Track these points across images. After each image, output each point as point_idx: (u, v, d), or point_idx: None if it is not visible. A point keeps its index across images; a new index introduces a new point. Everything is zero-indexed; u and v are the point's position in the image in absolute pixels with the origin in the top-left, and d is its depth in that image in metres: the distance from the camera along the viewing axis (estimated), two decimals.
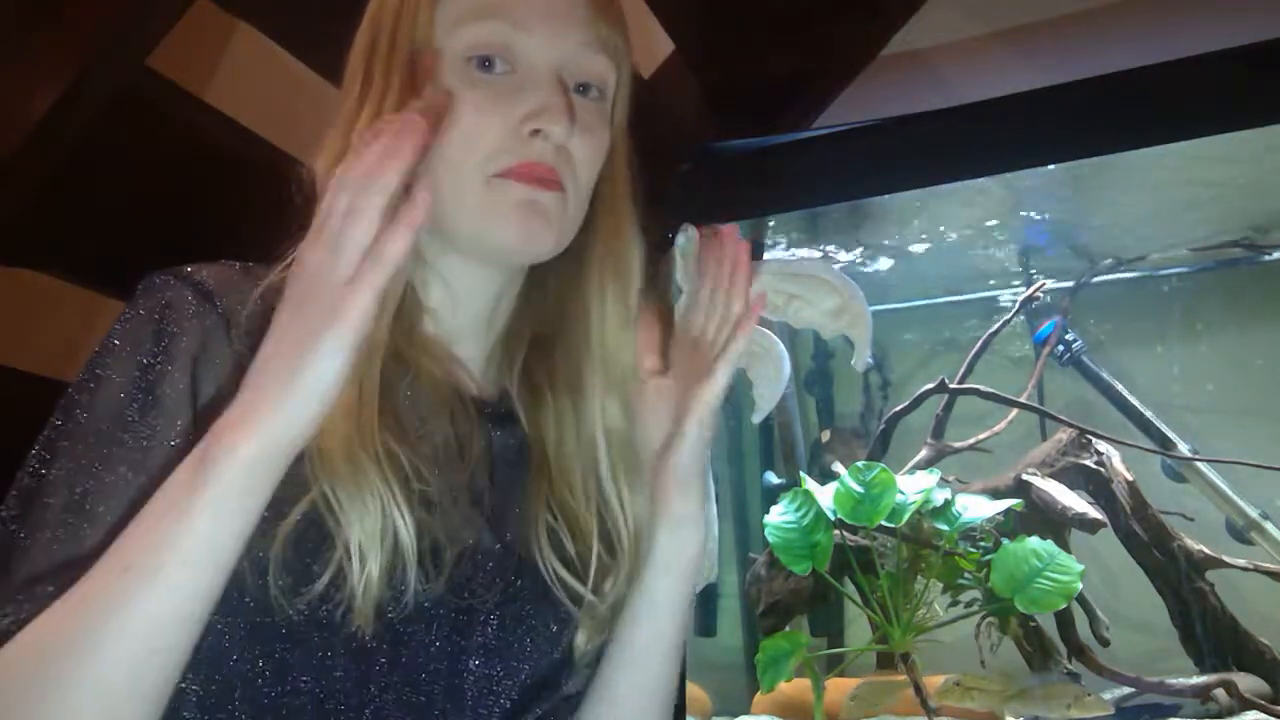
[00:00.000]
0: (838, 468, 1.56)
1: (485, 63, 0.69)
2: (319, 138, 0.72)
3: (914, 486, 1.27)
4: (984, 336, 1.54)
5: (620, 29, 0.74)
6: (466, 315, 0.75)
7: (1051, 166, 1.27)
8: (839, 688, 1.34)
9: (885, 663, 1.47)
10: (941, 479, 1.33)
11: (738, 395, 1.95)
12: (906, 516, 1.23)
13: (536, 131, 0.68)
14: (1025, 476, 1.40)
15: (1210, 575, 1.34)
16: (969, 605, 1.27)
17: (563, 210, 0.71)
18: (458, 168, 0.69)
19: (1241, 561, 1.34)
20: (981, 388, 1.48)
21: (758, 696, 1.48)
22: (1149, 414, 1.54)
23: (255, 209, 0.72)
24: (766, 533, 1.29)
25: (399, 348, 0.69)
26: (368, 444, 0.64)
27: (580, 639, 0.74)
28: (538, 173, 0.69)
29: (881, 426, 1.54)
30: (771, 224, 1.51)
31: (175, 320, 0.65)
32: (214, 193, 1.21)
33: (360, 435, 0.64)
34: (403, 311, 0.70)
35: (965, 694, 1.22)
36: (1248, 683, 1.26)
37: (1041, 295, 1.61)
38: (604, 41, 0.72)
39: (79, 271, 1.21)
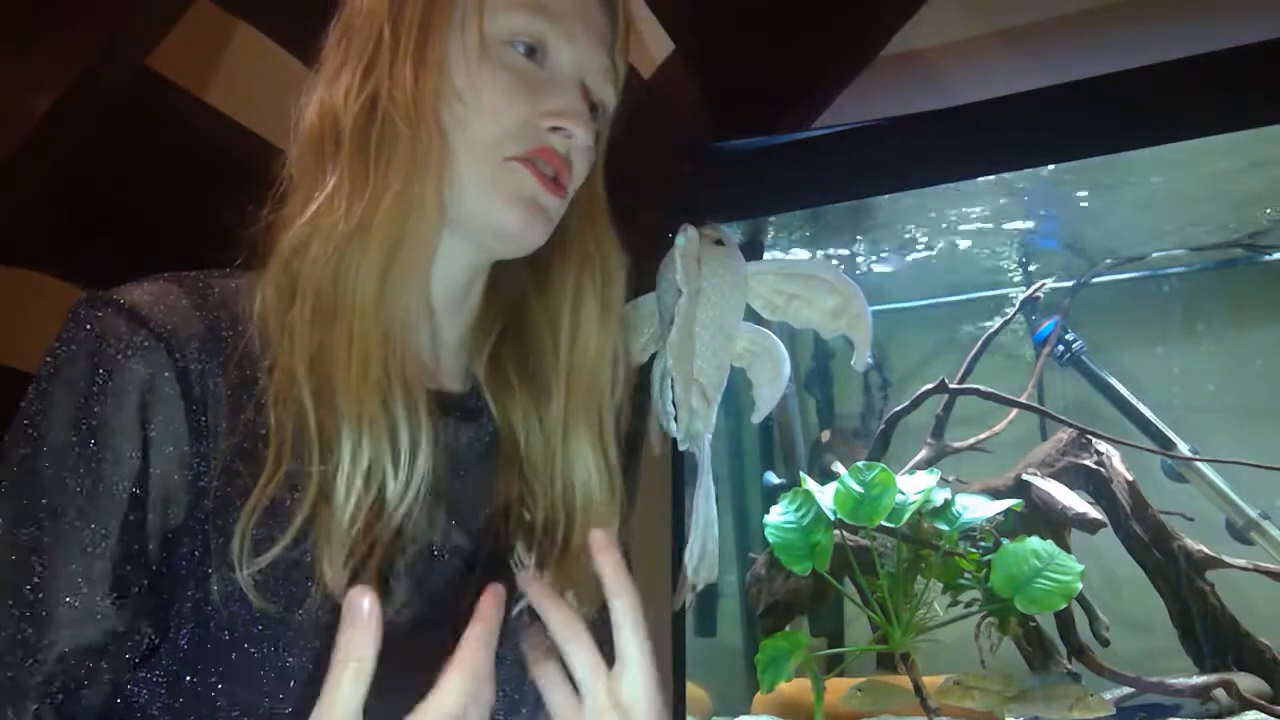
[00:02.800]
0: (838, 468, 1.56)
1: (529, 51, 0.70)
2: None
3: (914, 486, 1.27)
4: (984, 336, 1.54)
5: (625, 63, 0.77)
6: (437, 299, 0.75)
7: (1051, 166, 1.27)
8: (839, 688, 1.34)
9: (885, 663, 1.47)
10: (941, 479, 1.33)
11: (738, 395, 1.94)
12: (906, 516, 1.23)
13: (558, 129, 0.70)
14: (1025, 476, 1.40)
15: (1210, 575, 1.34)
16: (969, 605, 1.27)
17: (558, 214, 0.73)
18: (475, 143, 0.69)
19: (1241, 561, 1.34)
20: (981, 388, 1.48)
21: (758, 696, 1.48)
22: (1149, 414, 1.54)
23: (255, 209, 0.72)
24: (766, 533, 1.29)
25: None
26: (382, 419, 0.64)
27: None
28: (552, 164, 0.70)
29: (881, 426, 1.54)
30: (771, 224, 1.51)
31: (108, 352, 0.62)
32: (214, 192, 1.21)
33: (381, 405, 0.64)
34: None
35: (965, 694, 1.22)
36: (1248, 683, 1.26)
37: (1041, 295, 1.61)
38: (618, 71, 0.75)
39: (79, 271, 1.21)
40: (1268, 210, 1.44)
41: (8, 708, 0.57)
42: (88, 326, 0.63)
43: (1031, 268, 1.66)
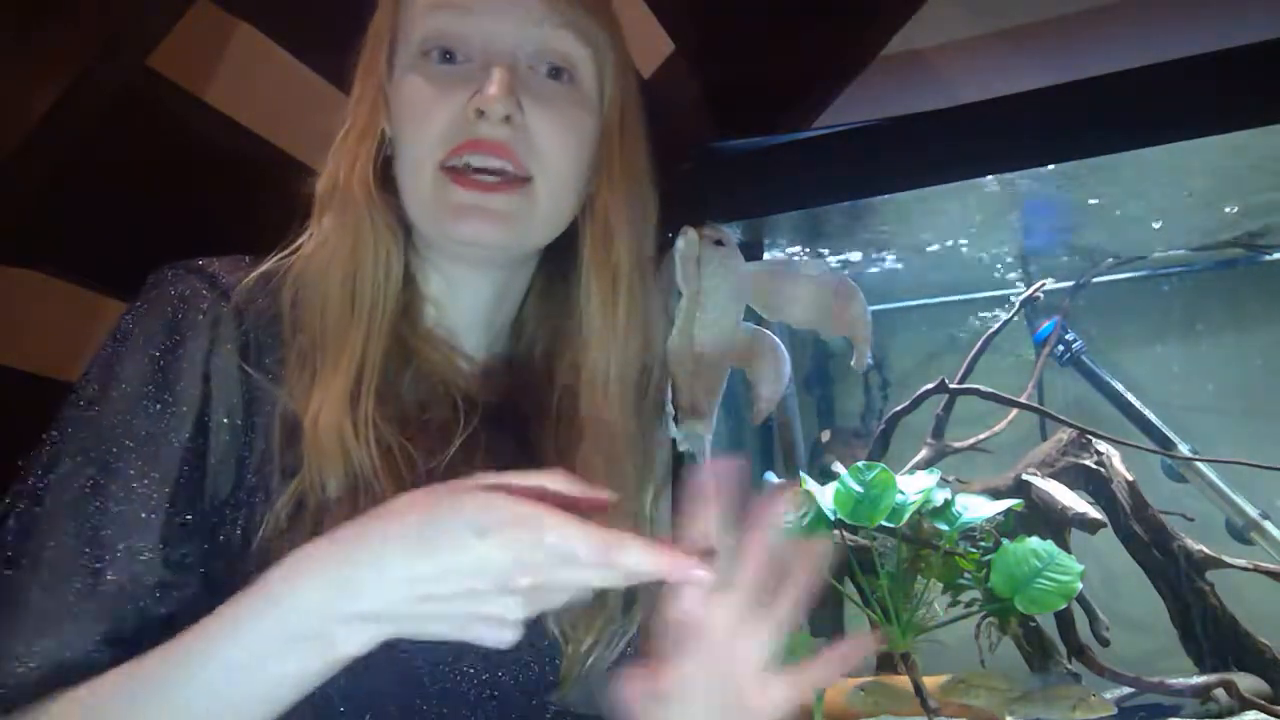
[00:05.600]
0: (838, 468, 1.56)
1: (446, 55, 0.69)
2: (320, 138, 0.73)
3: (914, 486, 1.27)
4: (984, 336, 1.54)
5: (592, 11, 0.73)
6: (467, 308, 0.75)
7: (1051, 166, 1.27)
8: (839, 687, 1.34)
9: (885, 663, 1.47)
10: (941, 479, 1.33)
11: (738, 395, 1.94)
12: (906, 516, 1.23)
13: (481, 113, 0.67)
14: (1025, 476, 1.40)
15: (1210, 575, 1.34)
16: (969, 605, 1.27)
17: (526, 202, 0.69)
18: (411, 158, 0.69)
19: (1241, 561, 1.34)
20: (981, 388, 1.48)
21: None
22: (1149, 414, 1.54)
23: (255, 209, 0.72)
24: None
25: (402, 335, 0.69)
26: (363, 433, 0.64)
27: (570, 648, 0.73)
28: (488, 153, 0.68)
29: (881, 426, 1.54)
30: (771, 224, 1.51)
31: (189, 314, 0.65)
32: (214, 193, 1.21)
33: (356, 425, 0.64)
34: (405, 300, 0.71)
35: (967, 693, 1.22)
36: (1248, 683, 1.26)
37: (1041, 295, 1.61)
38: (569, 21, 0.71)
39: (79, 271, 1.21)
40: (1267, 210, 1.44)
41: (66, 633, 0.58)
42: (170, 286, 0.66)
43: (1031, 268, 1.66)
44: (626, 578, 0.52)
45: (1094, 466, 1.40)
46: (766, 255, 1.59)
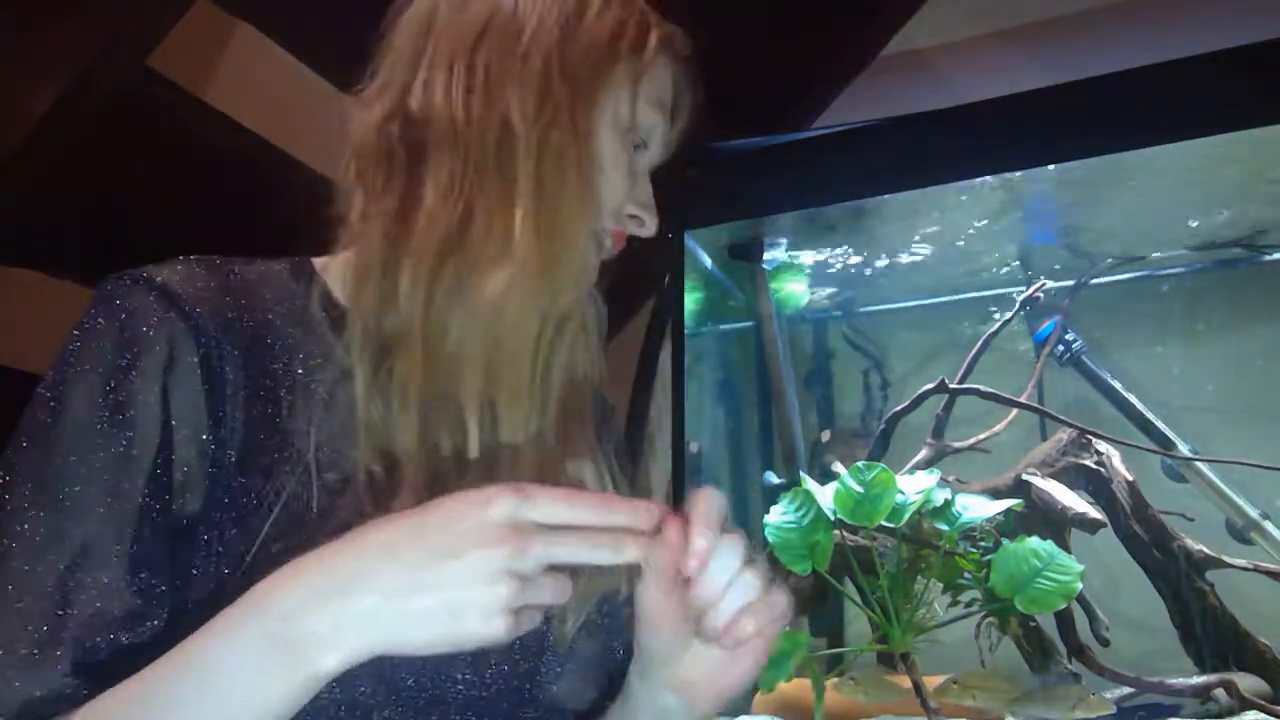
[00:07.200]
0: (838, 468, 1.56)
1: (642, 141, 0.76)
2: (320, 137, 0.72)
3: (914, 486, 1.27)
4: (984, 336, 1.54)
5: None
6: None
7: (1051, 166, 1.27)
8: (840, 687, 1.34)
9: (885, 663, 1.47)
10: (941, 479, 1.33)
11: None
12: (906, 516, 1.23)
13: (634, 217, 0.74)
14: (1025, 476, 1.40)
15: (1210, 575, 1.34)
16: (969, 605, 1.27)
17: None
18: (581, 210, 0.70)
19: (1241, 561, 1.34)
20: (981, 388, 1.48)
21: (758, 696, 1.48)
22: (1149, 414, 1.54)
23: (254, 208, 0.72)
24: (766, 533, 1.29)
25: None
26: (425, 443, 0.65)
27: (559, 641, 0.73)
28: (616, 247, 0.75)
29: (881, 426, 1.54)
30: (771, 224, 1.51)
31: (138, 329, 0.61)
32: (214, 192, 1.21)
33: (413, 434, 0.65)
34: None
35: (965, 692, 1.22)
36: (1248, 683, 1.26)
37: (1041, 295, 1.61)
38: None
39: (79, 271, 1.21)
40: (1267, 210, 1.44)
41: (35, 670, 0.56)
42: (117, 302, 0.62)
43: (1031, 268, 1.66)
44: (616, 548, 0.55)
45: (1094, 466, 1.40)
46: (767, 255, 1.59)
